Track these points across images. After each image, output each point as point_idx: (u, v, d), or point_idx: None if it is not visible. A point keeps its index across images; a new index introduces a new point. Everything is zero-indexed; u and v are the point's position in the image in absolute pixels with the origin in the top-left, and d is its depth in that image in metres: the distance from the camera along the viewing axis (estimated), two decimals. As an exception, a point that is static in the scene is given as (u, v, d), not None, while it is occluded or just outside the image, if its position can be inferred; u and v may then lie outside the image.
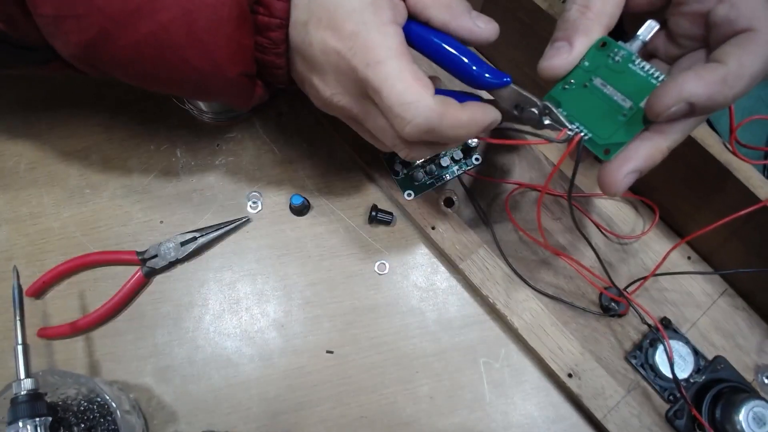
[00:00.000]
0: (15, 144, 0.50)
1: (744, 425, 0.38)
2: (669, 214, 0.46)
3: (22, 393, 0.36)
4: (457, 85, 0.34)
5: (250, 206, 0.48)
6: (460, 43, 0.32)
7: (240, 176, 0.49)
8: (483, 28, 0.32)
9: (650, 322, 0.42)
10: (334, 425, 0.43)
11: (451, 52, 0.32)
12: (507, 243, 0.45)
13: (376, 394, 0.43)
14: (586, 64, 0.31)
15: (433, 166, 0.46)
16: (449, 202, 0.46)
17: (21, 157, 0.49)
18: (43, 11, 0.30)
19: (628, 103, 0.30)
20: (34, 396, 0.37)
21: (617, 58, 0.30)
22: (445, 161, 0.46)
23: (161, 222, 0.47)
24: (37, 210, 0.48)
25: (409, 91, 0.29)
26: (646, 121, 0.29)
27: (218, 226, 0.46)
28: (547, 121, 0.32)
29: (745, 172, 0.37)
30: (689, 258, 0.46)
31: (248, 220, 0.47)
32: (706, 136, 0.38)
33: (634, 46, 0.31)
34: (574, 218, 0.37)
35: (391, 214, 0.47)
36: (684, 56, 0.32)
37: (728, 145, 0.38)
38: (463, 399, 0.43)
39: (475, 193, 0.46)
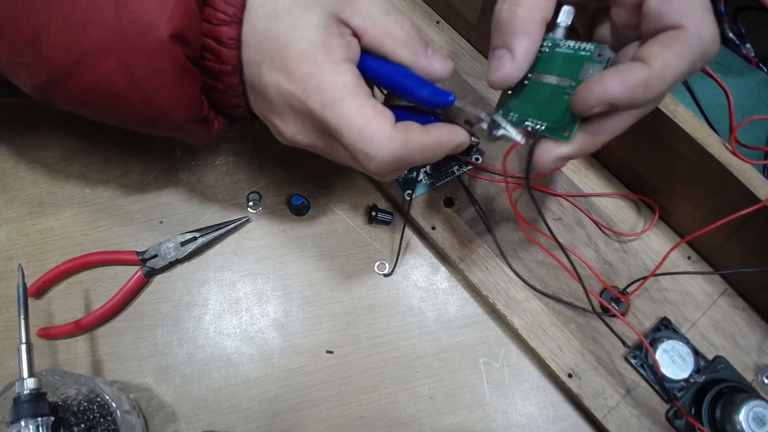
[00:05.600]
0: (15, 144, 0.50)
1: (744, 425, 0.38)
2: (669, 214, 0.46)
3: (25, 392, 0.36)
4: None
5: (250, 206, 0.48)
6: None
7: (240, 176, 0.49)
8: (437, 68, 0.33)
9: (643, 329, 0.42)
10: (334, 425, 0.43)
11: (397, 79, 0.32)
12: (507, 243, 0.45)
13: (376, 394, 0.43)
14: None
15: (433, 166, 0.46)
16: (449, 202, 0.46)
17: (21, 157, 0.49)
18: None
19: (568, 82, 0.30)
20: (37, 395, 0.37)
21: (545, 48, 0.31)
22: (444, 161, 0.46)
23: (161, 222, 0.47)
24: (37, 210, 0.48)
25: (369, 127, 0.29)
26: None
27: (218, 226, 0.46)
28: (499, 132, 0.32)
29: (745, 172, 0.37)
30: (689, 258, 0.46)
31: (248, 220, 0.47)
32: (706, 136, 0.38)
33: (558, 33, 0.31)
34: (539, 208, 0.37)
35: (391, 214, 0.47)
36: (628, 45, 0.31)
37: (728, 145, 0.38)
38: (463, 399, 0.43)
39: (475, 193, 0.46)
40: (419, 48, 0.33)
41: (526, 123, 0.32)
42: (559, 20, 0.31)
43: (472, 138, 0.34)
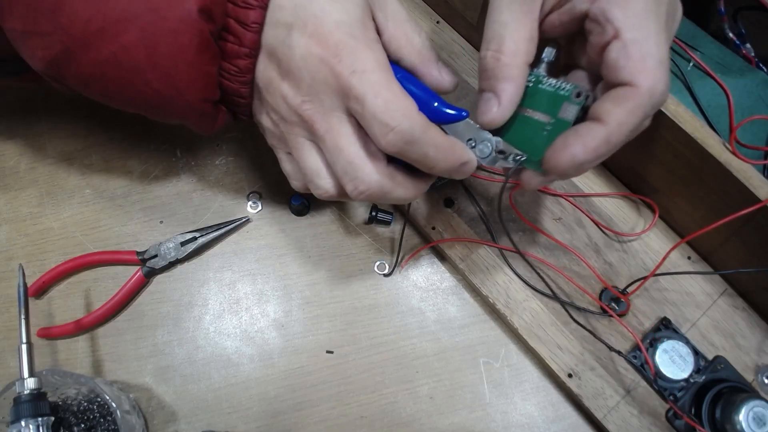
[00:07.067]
0: (15, 144, 0.50)
1: (744, 425, 0.38)
2: (669, 214, 0.46)
3: (25, 392, 0.36)
4: None
5: (250, 206, 0.48)
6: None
7: (240, 176, 0.49)
8: (446, 79, 0.34)
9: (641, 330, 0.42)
10: (334, 425, 0.43)
11: (414, 88, 0.33)
12: (507, 243, 0.45)
13: (376, 394, 0.43)
14: None
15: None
16: (449, 202, 0.46)
17: (21, 157, 0.49)
18: (11, 25, 0.31)
19: (547, 118, 0.32)
20: (37, 395, 0.37)
21: (529, 83, 0.33)
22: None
23: (161, 222, 0.47)
24: (37, 210, 0.48)
25: (394, 100, 0.30)
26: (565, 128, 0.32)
27: (218, 226, 0.46)
28: (500, 156, 0.33)
29: (745, 172, 0.37)
30: (689, 258, 0.46)
31: (248, 220, 0.47)
32: (706, 136, 0.38)
33: (542, 68, 0.33)
34: (521, 216, 0.37)
35: (390, 214, 0.47)
36: (600, 83, 0.32)
37: (728, 145, 0.38)
38: (463, 399, 0.43)
39: (475, 193, 0.46)
40: (432, 58, 0.34)
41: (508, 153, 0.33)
42: (543, 56, 0.33)
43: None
